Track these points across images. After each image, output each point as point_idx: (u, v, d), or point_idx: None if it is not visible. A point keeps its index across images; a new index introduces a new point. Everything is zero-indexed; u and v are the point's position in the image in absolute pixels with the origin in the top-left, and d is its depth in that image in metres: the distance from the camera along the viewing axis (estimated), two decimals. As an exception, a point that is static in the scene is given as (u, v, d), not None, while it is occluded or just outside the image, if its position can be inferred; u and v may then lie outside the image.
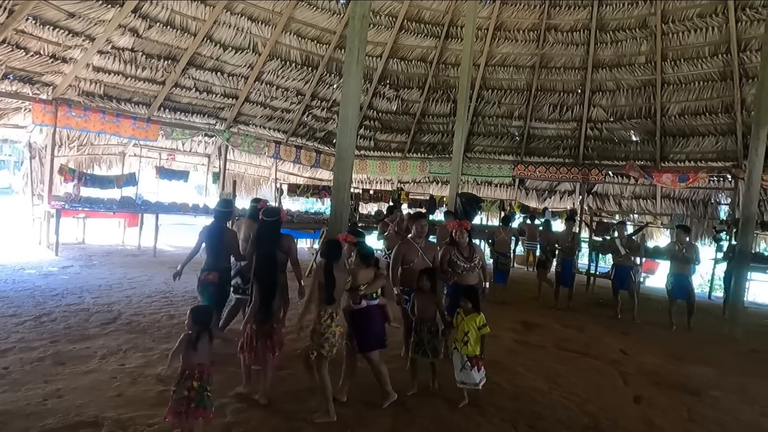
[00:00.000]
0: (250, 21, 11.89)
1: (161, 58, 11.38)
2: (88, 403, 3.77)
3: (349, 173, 5.39)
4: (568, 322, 7.54)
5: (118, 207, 11.01)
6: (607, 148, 13.99)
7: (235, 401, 4.00)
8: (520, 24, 13.46)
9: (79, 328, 5.51)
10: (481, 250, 5.41)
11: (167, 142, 12.94)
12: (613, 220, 13.46)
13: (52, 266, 8.74)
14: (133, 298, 7.02)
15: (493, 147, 15.02)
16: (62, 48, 9.88)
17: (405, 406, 4.14)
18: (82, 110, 10.50)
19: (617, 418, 4.24)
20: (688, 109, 12.80)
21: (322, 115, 14.60)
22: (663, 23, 12.20)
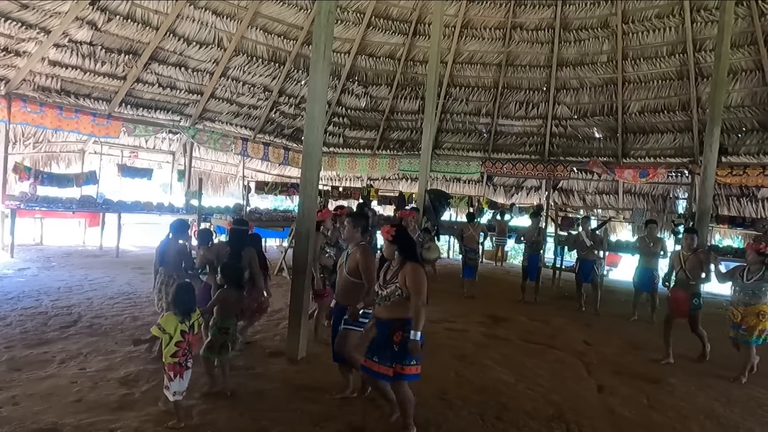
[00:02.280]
0: (214, 15, 11.65)
1: (122, 52, 11.04)
2: (46, 410, 3.64)
3: (317, 170, 5.35)
4: (534, 316, 7.69)
5: (77, 206, 10.62)
6: (572, 144, 14.32)
7: (203, 402, 3.93)
8: (487, 22, 13.62)
9: (37, 333, 5.31)
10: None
11: (129, 139, 12.58)
12: (577, 215, 13.82)
13: (7, 269, 8.38)
14: (94, 300, 6.81)
15: (461, 144, 15.17)
16: (15, 41, 9.48)
17: (375, 401, 4.15)
18: (37, 106, 10.09)
19: (580, 407, 4.36)
20: (648, 106, 13.22)
21: (290, 111, 14.44)
22: (623, 23, 12.55)
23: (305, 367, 4.87)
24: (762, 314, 5.20)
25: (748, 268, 5.39)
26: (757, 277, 5.27)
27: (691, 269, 5.86)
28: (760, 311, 5.21)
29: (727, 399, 4.79)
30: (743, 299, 5.31)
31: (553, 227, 11.95)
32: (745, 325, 5.25)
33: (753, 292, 5.26)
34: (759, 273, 5.28)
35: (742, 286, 5.36)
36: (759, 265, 5.30)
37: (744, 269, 5.44)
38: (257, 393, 4.20)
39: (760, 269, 5.29)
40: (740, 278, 5.39)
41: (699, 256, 5.92)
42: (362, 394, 4.20)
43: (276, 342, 5.55)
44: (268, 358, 5.08)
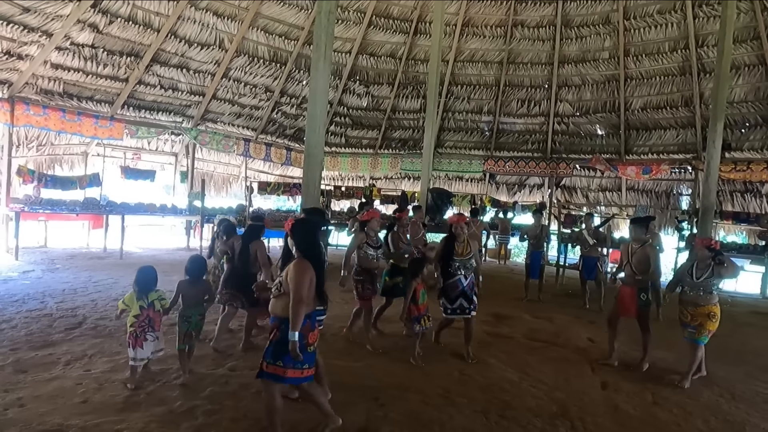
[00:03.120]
0: (215, 16, 11.68)
1: (123, 54, 11.09)
2: (52, 411, 3.65)
3: (319, 170, 5.37)
4: (537, 313, 7.68)
5: (81, 208, 10.68)
6: (574, 142, 14.30)
7: (208, 403, 3.94)
8: (488, 20, 13.60)
9: (42, 335, 5.33)
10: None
11: (132, 141, 12.62)
12: (580, 213, 13.79)
13: (12, 271, 8.42)
14: (98, 301, 6.83)
15: (463, 142, 15.17)
16: (17, 44, 9.53)
17: (378, 401, 4.16)
18: (41, 108, 10.15)
19: (584, 405, 4.35)
20: (650, 103, 13.19)
21: (291, 112, 14.47)
22: (625, 19, 12.53)
23: (309, 367, 4.87)
24: (712, 315, 4.90)
25: (696, 264, 5.06)
26: (706, 275, 4.92)
27: (637, 263, 5.35)
28: (710, 312, 4.91)
29: (731, 395, 4.78)
30: (693, 299, 4.98)
31: (556, 225, 11.94)
32: (696, 324, 4.96)
33: (702, 291, 4.93)
34: (708, 270, 4.93)
35: (691, 284, 5.01)
36: (707, 261, 4.96)
37: (692, 266, 5.10)
38: (259, 394, 4.20)
39: (708, 266, 4.94)
40: (689, 276, 5.04)
41: (647, 249, 5.39)
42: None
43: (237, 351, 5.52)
44: (272, 358, 5.07)
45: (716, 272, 4.92)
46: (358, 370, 4.89)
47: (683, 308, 5.08)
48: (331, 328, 6.16)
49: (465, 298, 5.19)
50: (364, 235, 5.56)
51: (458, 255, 5.19)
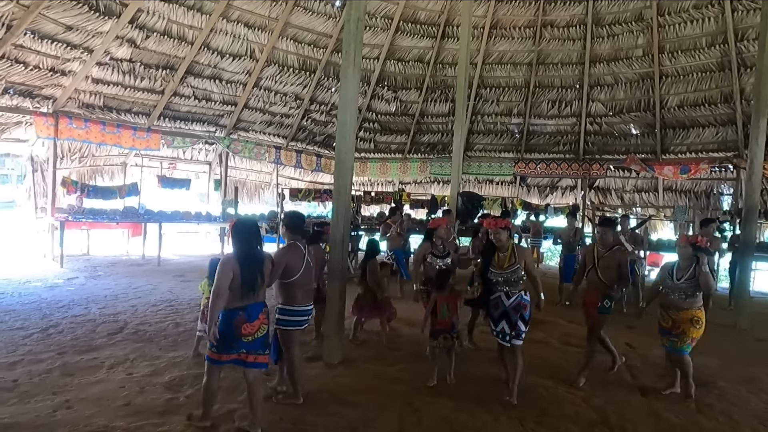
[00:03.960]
0: (246, 27, 11.94)
1: (159, 67, 11.45)
2: (97, 414, 3.79)
3: (350, 176, 5.40)
4: (572, 318, 7.51)
5: (121, 217, 11.06)
6: (608, 142, 14.00)
7: (243, 406, 4.01)
8: (516, 21, 13.48)
9: (86, 339, 5.54)
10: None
11: (168, 150, 13.00)
12: (616, 214, 13.47)
13: (58, 278, 8.78)
14: (138, 307, 7.05)
15: (493, 145, 15.04)
16: (61, 61, 9.95)
17: (412, 405, 4.15)
18: (82, 122, 10.57)
19: (625, 412, 4.24)
20: (687, 100, 12.79)
21: (321, 119, 14.65)
22: (659, 16, 12.21)
23: (342, 372, 4.91)
24: (696, 320, 4.44)
25: (678, 265, 4.60)
26: (688, 275, 4.48)
27: (603, 269, 4.81)
28: (693, 317, 4.45)
29: (782, 403, 4.58)
30: (675, 302, 4.52)
31: (590, 227, 11.69)
32: (678, 331, 4.48)
33: (685, 293, 4.47)
34: (689, 270, 4.48)
35: (672, 287, 4.54)
36: (689, 261, 4.50)
37: (674, 267, 4.63)
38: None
39: (690, 266, 4.48)
40: (670, 278, 4.58)
41: (616, 254, 4.86)
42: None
43: (313, 347, 5.61)
44: (306, 362, 5.14)
45: (698, 273, 4.45)
46: (390, 374, 4.90)
47: (664, 312, 4.62)
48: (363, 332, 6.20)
49: (508, 322, 4.31)
50: (430, 244, 5.37)
51: (497, 267, 4.36)
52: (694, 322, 4.45)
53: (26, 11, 8.80)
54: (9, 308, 6.64)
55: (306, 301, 4.13)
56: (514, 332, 4.29)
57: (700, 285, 4.45)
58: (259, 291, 3.61)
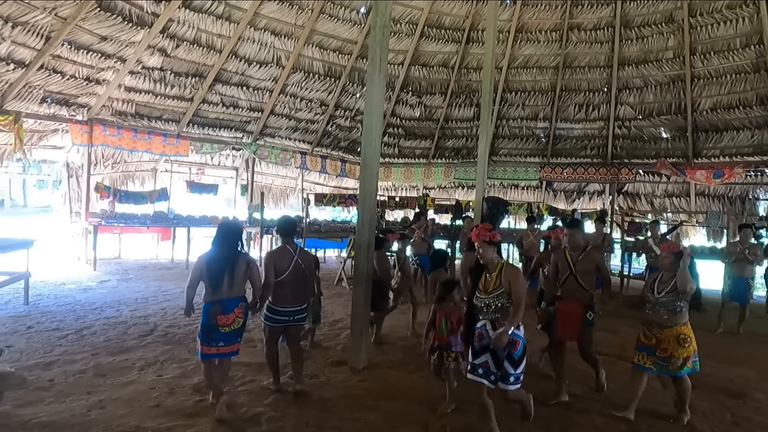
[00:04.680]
0: (273, 35, 12.13)
1: (189, 75, 11.71)
2: (129, 414, 3.89)
3: (375, 182, 5.42)
4: (601, 326, 7.30)
5: (151, 222, 11.33)
6: (637, 146, 13.70)
7: (271, 410, 4.06)
8: (542, 25, 13.34)
9: (118, 341, 5.69)
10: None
11: (196, 156, 13.27)
12: (645, 220, 13.16)
13: (91, 281, 9.05)
14: (168, 310, 7.21)
15: (518, 149, 14.88)
16: (95, 70, 10.28)
17: (437, 413, 4.13)
18: (115, 129, 10.89)
19: (656, 423, 4.13)
20: (721, 103, 12.43)
21: (345, 124, 14.74)
22: (690, 17, 11.91)
23: (367, 376, 4.92)
24: (683, 338, 3.98)
25: (660, 277, 4.16)
26: (670, 288, 4.02)
27: (582, 273, 4.41)
28: (679, 335, 3.99)
29: (824, 418, 4.39)
30: (658, 319, 4.07)
31: (619, 233, 11.45)
32: (663, 354, 4.04)
33: (667, 309, 4.01)
34: (672, 282, 4.01)
35: (654, 301, 4.09)
36: (673, 273, 4.04)
37: (655, 279, 4.19)
38: (321, 402, 4.29)
39: (673, 277, 4.02)
40: (650, 292, 4.13)
41: (591, 255, 4.48)
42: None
43: (338, 351, 5.64)
44: (331, 367, 5.18)
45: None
46: (416, 380, 4.89)
47: (646, 330, 4.17)
48: (389, 337, 6.20)
49: (493, 358, 3.55)
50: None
51: (482, 290, 3.67)
52: (681, 340, 3.99)
53: (64, 23, 9.13)
54: (46, 309, 6.88)
55: (289, 302, 4.35)
56: (500, 372, 3.54)
57: (677, 284, 3.97)
58: (231, 287, 3.96)
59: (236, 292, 4.00)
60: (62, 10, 8.97)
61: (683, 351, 4.00)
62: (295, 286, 4.37)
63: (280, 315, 4.36)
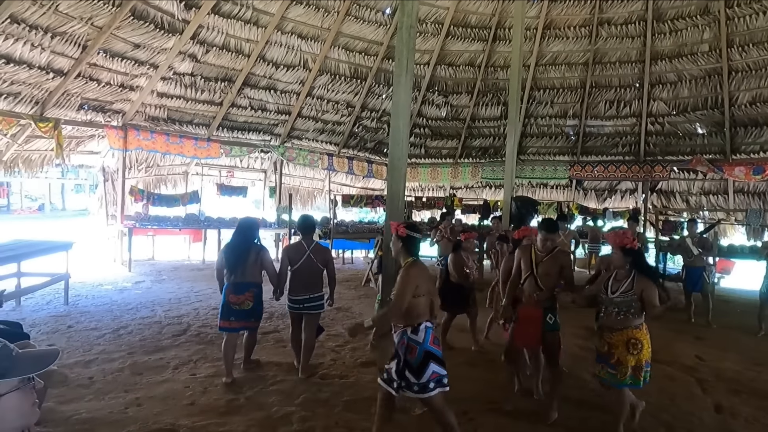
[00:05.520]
0: (300, 39, 12.25)
1: (218, 80, 11.94)
2: (164, 412, 3.98)
3: (403, 182, 5.40)
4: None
5: (183, 224, 11.59)
6: (671, 142, 13.31)
7: (302, 409, 4.09)
8: (571, 21, 13.10)
9: (153, 340, 5.84)
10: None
11: (226, 159, 13.51)
12: (680, 219, 12.78)
13: (127, 282, 9.31)
14: (200, 310, 7.35)
15: (547, 148, 14.65)
16: (129, 77, 10.57)
17: (467, 414, 4.09)
18: (149, 133, 11.17)
19: (696, 429, 4.00)
20: (761, 96, 11.97)
21: (372, 125, 14.78)
22: (727, 8, 11.50)
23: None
24: (633, 343, 3.56)
25: (614, 275, 3.76)
26: (624, 288, 3.64)
27: (544, 275, 4.13)
28: (630, 339, 3.58)
29: None
30: (609, 322, 3.69)
31: (653, 232, 11.14)
32: (614, 360, 3.63)
33: (619, 310, 3.63)
34: (626, 281, 3.64)
35: (607, 302, 3.71)
36: (626, 271, 3.69)
37: (609, 278, 3.80)
38: (351, 402, 4.30)
39: (627, 275, 3.66)
40: (604, 292, 3.75)
41: (558, 257, 4.17)
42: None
43: (367, 352, 5.65)
44: (360, 367, 5.19)
45: (637, 285, 3.60)
46: (445, 382, 4.85)
47: (601, 335, 3.80)
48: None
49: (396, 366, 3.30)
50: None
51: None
52: (631, 345, 3.56)
53: (99, 32, 9.41)
54: (84, 310, 7.10)
55: (301, 291, 4.85)
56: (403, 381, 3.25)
57: (647, 294, 3.58)
58: (243, 273, 4.66)
59: (248, 278, 4.68)
60: (98, 20, 9.26)
61: (631, 358, 3.57)
62: (307, 278, 4.83)
63: (295, 303, 4.89)
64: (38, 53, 8.92)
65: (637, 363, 3.58)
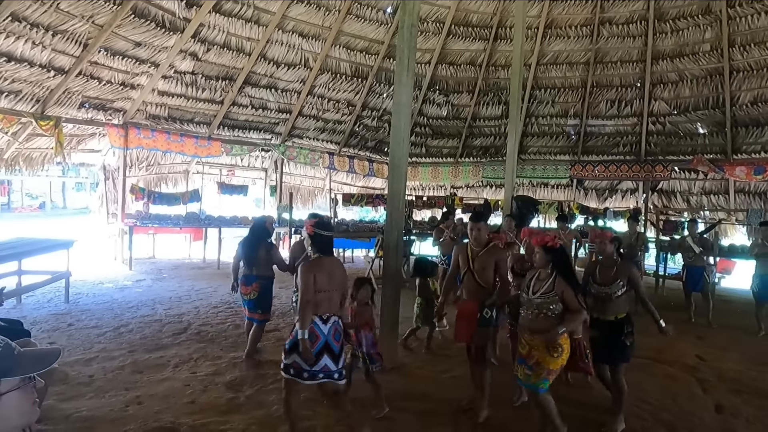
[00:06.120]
0: (300, 37, 12.23)
1: (219, 78, 11.93)
2: (165, 410, 3.98)
3: (404, 181, 5.41)
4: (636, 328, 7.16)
5: (184, 222, 11.58)
6: (672, 142, 13.30)
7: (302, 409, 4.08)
8: (572, 20, 13.08)
9: (154, 338, 5.84)
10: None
11: (227, 158, 13.50)
12: (681, 218, 12.77)
13: (127, 280, 9.31)
14: (200, 309, 7.36)
15: (548, 147, 14.64)
16: (130, 75, 10.56)
17: (467, 413, 4.10)
18: (149, 132, 11.17)
19: (697, 429, 4.00)
20: (762, 96, 11.95)
21: (373, 124, 14.77)
22: (729, 8, 11.48)
23: (395, 378, 4.91)
24: (554, 347, 3.41)
25: (537, 275, 3.65)
26: (545, 288, 3.50)
27: (480, 270, 4.04)
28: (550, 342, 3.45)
29: None
30: (529, 322, 3.57)
31: (653, 232, 11.13)
32: (533, 362, 3.47)
33: (539, 311, 3.50)
34: (548, 281, 3.52)
35: (527, 303, 3.58)
36: (548, 271, 3.57)
37: (532, 278, 3.68)
38: (352, 401, 4.28)
39: (550, 275, 3.54)
40: (526, 291, 3.63)
41: (493, 252, 4.07)
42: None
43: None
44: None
45: (557, 286, 3.48)
46: (445, 381, 4.86)
47: (521, 336, 3.69)
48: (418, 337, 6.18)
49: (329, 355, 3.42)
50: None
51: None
52: (551, 349, 3.41)
53: (101, 30, 9.41)
54: (85, 308, 7.11)
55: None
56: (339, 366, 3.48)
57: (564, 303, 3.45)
58: (252, 266, 5.25)
59: (256, 271, 5.24)
60: (99, 18, 9.25)
61: (552, 362, 3.41)
62: None
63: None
64: (39, 51, 8.90)
65: (555, 367, 3.45)
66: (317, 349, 3.34)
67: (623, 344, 4.03)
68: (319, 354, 3.34)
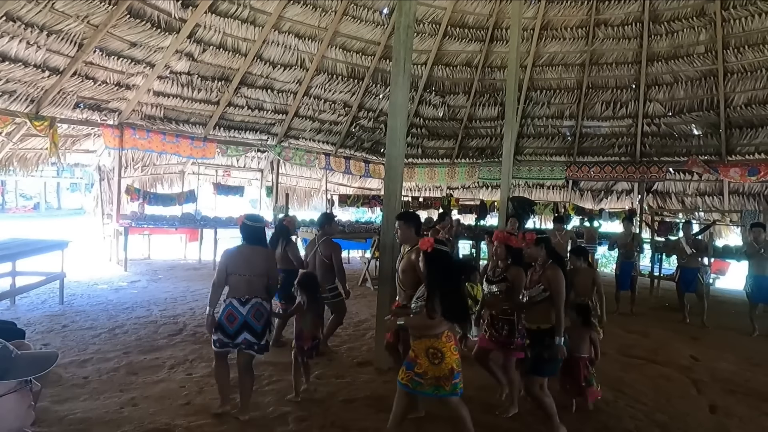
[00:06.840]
0: (297, 38, 12.22)
1: (215, 79, 11.90)
2: (160, 411, 3.96)
3: (400, 182, 5.41)
4: (631, 328, 7.22)
5: (179, 223, 11.55)
6: (667, 143, 13.36)
7: (298, 409, 4.09)
8: (568, 22, 13.13)
9: (149, 340, 5.81)
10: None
11: (223, 159, 13.47)
12: (676, 219, 12.83)
13: (122, 281, 9.27)
14: (196, 310, 7.33)
15: (543, 148, 14.68)
16: (125, 76, 10.52)
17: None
18: (145, 132, 11.13)
19: (691, 429, 4.02)
20: (756, 98, 12.03)
21: (369, 125, 14.77)
22: (723, 10, 11.55)
23: (392, 378, 4.88)
24: (432, 353, 3.19)
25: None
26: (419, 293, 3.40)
27: (401, 272, 4.02)
28: (428, 348, 3.20)
29: None
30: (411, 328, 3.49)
31: (648, 232, 11.17)
32: (420, 369, 3.22)
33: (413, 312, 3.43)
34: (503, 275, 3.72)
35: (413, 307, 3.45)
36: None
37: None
38: (347, 402, 4.30)
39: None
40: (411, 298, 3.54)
41: (410, 256, 3.92)
42: None
43: (363, 352, 5.66)
44: (357, 367, 5.19)
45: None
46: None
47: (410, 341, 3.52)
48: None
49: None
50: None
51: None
52: (431, 355, 3.18)
53: (96, 30, 9.37)
54: (80, 309, 7.07)
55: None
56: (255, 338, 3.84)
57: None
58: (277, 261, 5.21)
59: (279, 266, 5.15)
60: (94, 18, 9.21)
61: (433, 368, 3.18)
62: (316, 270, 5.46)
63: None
64: (34, 51, 8.86)
65: (440, 374, 3.18)
66: (236, 327, 3.81)
67: (540, 356, 3.72)
68: (239, 331, 3.81)
